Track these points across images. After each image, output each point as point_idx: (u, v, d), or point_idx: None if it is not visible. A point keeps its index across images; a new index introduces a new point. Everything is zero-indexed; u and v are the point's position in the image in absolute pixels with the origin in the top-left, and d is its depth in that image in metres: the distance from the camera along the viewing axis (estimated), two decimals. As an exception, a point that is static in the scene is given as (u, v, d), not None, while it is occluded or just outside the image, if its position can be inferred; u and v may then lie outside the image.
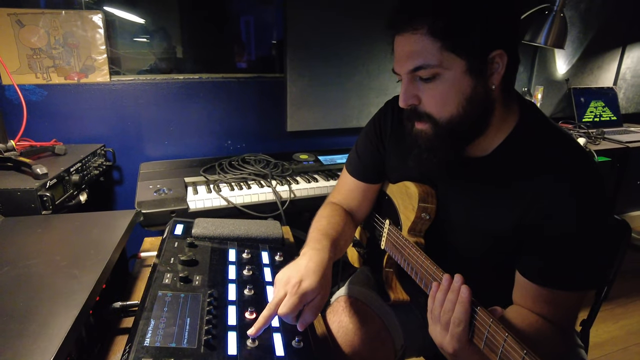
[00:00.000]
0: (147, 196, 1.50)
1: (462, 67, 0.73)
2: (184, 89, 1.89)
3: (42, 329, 0.63)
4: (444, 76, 0.74)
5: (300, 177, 1.78)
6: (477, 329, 0.64)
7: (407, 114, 0.82)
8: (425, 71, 0.74)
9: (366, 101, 2.12)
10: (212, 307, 0.77)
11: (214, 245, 1.01)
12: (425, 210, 0.91)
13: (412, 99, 0.78)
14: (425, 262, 0.81)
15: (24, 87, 1.64)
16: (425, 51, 0.72)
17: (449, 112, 0.76)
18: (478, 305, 0.65)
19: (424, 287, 0.82)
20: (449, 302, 0.68)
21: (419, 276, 0.83)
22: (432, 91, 0.76)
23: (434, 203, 0.91)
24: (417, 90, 0.78)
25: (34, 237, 0.95)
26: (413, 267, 0.86)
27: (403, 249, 0.91)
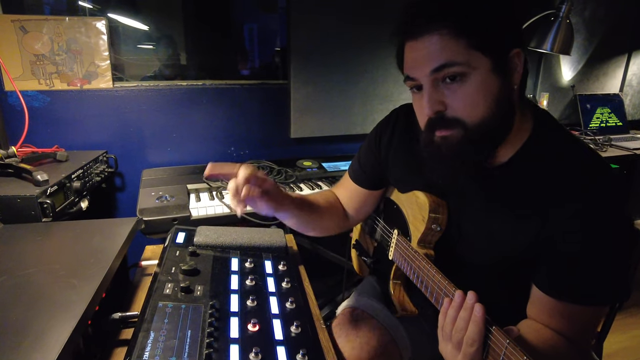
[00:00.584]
0: (149, 203, 1.48)
1: (488, 66, 0.70)
2: (187, 96, 1.88)
3: (37, 343, 0.61)
4: (471, 76, 0.71)
5: (303, 184, 1.76)
6: (492, 350, 0.61)
7: (430, 123, 0.77)
8: (451, 69, 0.70)
9: (370, 108, 2.11)
10: (213, 319, 0.75)
11: (216, 254, 0.99)
12: (436, 221, 0.88)
13: (438, 105, 0.74)
14: (436, 275, 0.78)
15: (27, 93, 1.63)
16: (449, 50, 0.70)
17: (480, 115, 0.72)
18: (493, 325, 0.62)
19: (434, 301, 0.79)
20: (462, 320, 0.65)
21: (429, 290, 0.80)
22: (460, 94, 0.72)
23: (445, 214, 0.88)
24: (442, 95, 0.74)
25: (33, 245, 0.93)
26: (423, 280, 0.83)
27: (412, 261, 0.88)
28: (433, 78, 0.73)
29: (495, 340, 0.61)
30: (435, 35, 0.70)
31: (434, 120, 0.76)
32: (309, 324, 0.81)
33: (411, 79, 0.77)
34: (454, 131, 0.74)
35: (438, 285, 0.77)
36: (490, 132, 0.74)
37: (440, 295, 0.76)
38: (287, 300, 0.85)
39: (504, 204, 0.80)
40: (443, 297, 0.74)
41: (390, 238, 1.02)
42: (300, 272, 1.04)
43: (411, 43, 0.74)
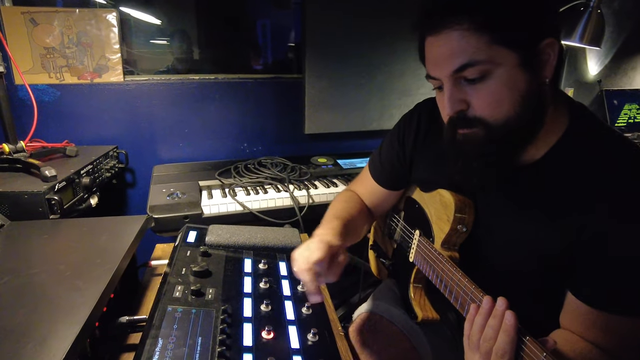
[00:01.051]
0: (160, 200, 1.44)
1: (514, 61, 0.64)
2: (199, 90, 1.84)
3: (40, 349, 0.58)
4: (495, 73, 0.65)
5: (318, 182, 1.71)
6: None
7: (452, 121, 0.72)
8: (473, 69, 0.65)
9: (388, 103, 2.04)
10: (225, 325, 0.70)
11: (229, 254, 0.94)
12: (462, 221, 0.82)
13: (460, 104, 0.69)
14: (462, 279, 0.73)
15: (37, 87, 1.60)
16: (471, 47, 0.64)
17: (504, 114, 0.67)
18: (527, 335, 0.57)
19: (459, 307, 0.74)
20: (490, 329, 0.60)
21: (454, 294, 0.75)
22: (483, 92, 0.67)
23: (471, 214, 0.83)
24: (463, 94, 0.69)
25: (39, 244, 0.90)
26: (447, 284, 0.78)
27: (435, 263, 0.82)
28: (455, 77, 0.68)
29: (529, 352, 0.55)
30: (455, 31, 0.65)
31: (455, 119, 0.71)
32: (327, 331, 0.76)
33: (432, 77, 0.72)
34: (476, 130, 0.70)
35: (464, 290, 0.72)
36: (515, 131, 0.68)
37: (466, 301, 0.71)
38: (303, 305, 0.80)
39: (536, 204, 0.74)
40: (469, 302, 0.69)
41: (411, 239, 0.96)
42: (316, 274, 0.98)
43: (431, 38, 0.69)
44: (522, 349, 0.57)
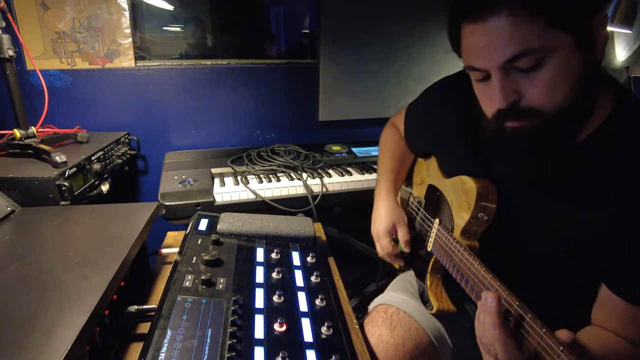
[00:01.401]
0: (172, 187, 1.42)
1: (569, 44, 0.59)
2: (211, 76, 1.81)
3: (45, 339, 0.56)
4: (549, 60, 0.60)
5: (332, 170, 1.67)
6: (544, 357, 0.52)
7: (501, 114, 0.67)
8: (527, 59, 0.60)
9: (405, 89, 1.98)
10: (236, 316, 0.68)
11: (241, 243, 0.91)
12: (484, 209, 0.78)
13: (512, 95, 0.64)
14: (479, 269, 0.69)
15: (49, 72, 1.59)
16: (524, 34, 0.58)
17: (559, 101, 0.62)
18: (543, 328, 0.53)
19: (475, 297, 0.71)
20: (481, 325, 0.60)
21: (470, 284, 0.72)
22: (537, 81, 0.61)
23: (494, 202, 0.78)
24: (515, 83, 0.63)
25: (48, 230, 0.89)
26: (463, 273, 0.74)
27: (453, 253, 0.79)
28: (505, 68, 0.62)
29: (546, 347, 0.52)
30: (504, 18, 0.58)
31: (505, 111, 0.65)
32: (342, 324, 0.73)
33: (476, 69, 0.66)
34: (529, 122, 0.64)
35: (480, 280, 0.68)
36: (570, 117, 0.64)
37: (482, 290, 0.67)
38: (317, 297, 0.77)
39: (572, 189, 0.69)
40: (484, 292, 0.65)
41: (431, 228, 0.92)
42: (330, 265, 0.95)
43: (473, 26, 0.63)
44: (540, 343, 0.53)
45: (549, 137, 0.65)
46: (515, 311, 0.58)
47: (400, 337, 0.87)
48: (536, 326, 0.54)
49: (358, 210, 1.19)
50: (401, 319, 0.91)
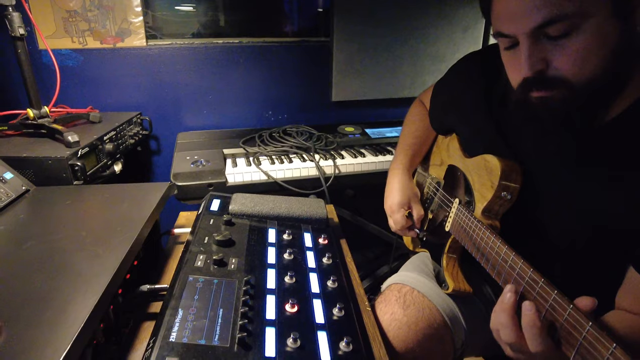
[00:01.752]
0: (184, 168, 1.42)
1: (607, 11, 0.55)
2: (223, 54, 1.79)
3: (59, 316, 0.56)
4: (583, 27, 0.56)
5: (345, 152, 1.65)
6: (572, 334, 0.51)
7: (527, 83, 0.64)
8: (559, 25, 0.57)
9: (420, 69, 1.93)
10: (248, 296, 0.67)
11: (253, 224, 0.91)
12: (507, 189, 0.76)
13: (539, 63, 0.61)
14: (501, 247, 0.68)
15: (60, 52, 1.59)
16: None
17: (590, 72, 0.59)
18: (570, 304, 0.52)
19: (495, 275, 0.69)
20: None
21: (491, 263, 0.70)
22: (568, 49, 0.58)
23: (518, 181, 0.76)
24: (544, 51, 0.60)
25: (62, 209, 0.89)
26: (484, 252, 0.73)
27: (474, 232, 0.77)
28: (534, 34, 0.59)
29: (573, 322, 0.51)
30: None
31: (531, 80, 0.62)
32: (353, 306, 0.73)
33: (504, 35, 0.63)
34: (556, 92, 0.62)
35: (504, 259, 0.67)
36: (601, 90, 0.60)
37: (504, 269, 0.66)
38: (329, 278, 0.76)
39: (603, 167, 0.67)
40: (509, 271, 0.64)
41: (450, 208, 0.90)
42: (342, 247, 0.95)
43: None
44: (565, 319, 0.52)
45: (576, 111, 0.62)
46: (541, 288, 0.57)
47: (414, 316, 0.86)
48: (563, 302, 0.53)
49: (371, 193, 1.17)
50: (415, 298, 0.90)
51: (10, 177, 0.93)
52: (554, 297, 0.55)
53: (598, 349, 0.47)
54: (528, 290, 0.60)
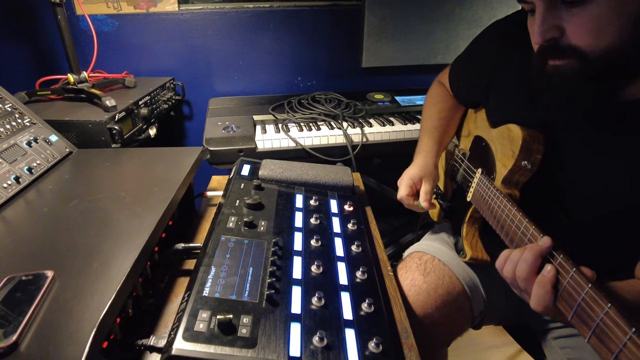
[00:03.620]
0: (216, 133, 1.46)
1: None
2: (254, 19, 1.78)
3: (104, 268, 0.61)
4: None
5: (374, 120, 1.64)
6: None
7: (542, 50, 0.63)
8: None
9: (455, 34, 1.85)
10: (276, 257, 0.71)
11: (281, 189, 0.94)
12: (528, 158, 0.75)
13: (552, 31, 0.60)
14: (516, 214, 0.68)
15: (96, 17, 1.62)
16: None
17: (605, 43, 0.57)
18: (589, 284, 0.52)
19: (509, 244, 0.70)
20: None
21: (505, 230, 0.71)
22: (584, 17, 0.56)
23: (540, 151, 0.75)
24: (558, 18, 0.59)
25: (102, 171, 0.94)
26: (499, 220, 0.73)
27: (492, 200, 0.77)
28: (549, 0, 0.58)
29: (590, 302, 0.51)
30: None
31: (545, 47, 0.61)
32: (376, 270, 0.75)
33: (524, 0, 0.62)
34: (569, 61, 0.60)
35: (518, 227, 0.67)
36: (618, 64, 0.58)
37: (517, 235, 0.67)
38: (353, 243, 0.79)
39: (626, 145, 0.65)
40: (524, 241, 0.65)
41: (472, 178, 0.90)
42: (367, 214, 0.96)
43: None
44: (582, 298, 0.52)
45: (590, 84, 0.60)
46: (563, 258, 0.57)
47: (433, 283, 0.88)
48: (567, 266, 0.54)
49: (398, 161, 1.17)
50: (435, 266, 0.92)
51: (55, 139, 0.99)
52: (559, 261, 0.56)
53: (594, 309, 0.48)
54: None
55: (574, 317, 0.52)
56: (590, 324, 0.49)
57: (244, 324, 0.57)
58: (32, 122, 0.99)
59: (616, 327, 0.45)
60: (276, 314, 0.60)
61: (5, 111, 0.95)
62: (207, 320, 0.56)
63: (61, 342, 0.48)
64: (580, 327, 0.51)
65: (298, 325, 0.59)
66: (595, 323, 0.48)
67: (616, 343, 0.45)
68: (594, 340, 0.48)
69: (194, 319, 0.56)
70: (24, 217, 0.76)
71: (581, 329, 0.51)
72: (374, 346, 0.57)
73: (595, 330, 0.48)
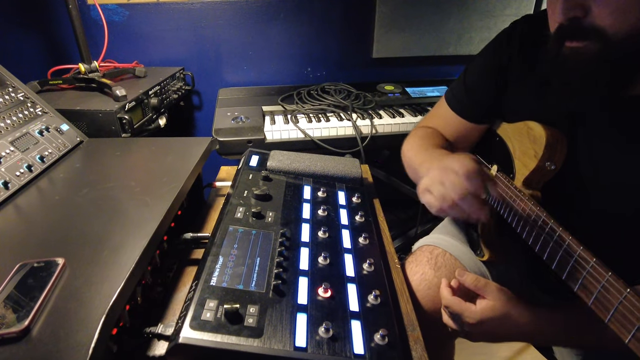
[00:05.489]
0: (225, 124, 1.46)
1: None
2: (263, 9, 1.77)
3: (114, 257, 0.62)
4: None
5: (383, 111, 1.63)
6: None
7: (561, 30, 0.61)
8: None
9: (467, 25, 1.82)
10: (283, 247, 0.71)
11: (289, 180, 0.94)
12: (552, 159, 0.74)
13: (576, 9, 0.58)
14: (547, 221, 0.66)
15: (107, 6, 1.62)
16: None
17: (630, 26, 0.55)
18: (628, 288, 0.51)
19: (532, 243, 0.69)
20: None
21: (534, 236, 0.69)
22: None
23: (563, 152, 0.74)
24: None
25: (112, 160, 0.95)
26: (526, 224, 0.72)
27: (514, 202, 0.76)
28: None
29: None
30: None
31: (566, 27, 0.60)
32: (383, 262, 0.75)
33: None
34: (589, 43, 0.58)
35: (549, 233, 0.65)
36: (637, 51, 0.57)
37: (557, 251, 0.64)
38: (360, 235, 0.79)
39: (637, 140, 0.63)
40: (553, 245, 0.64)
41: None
42: (375, 206, 0.96)
43: None
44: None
45: (614, 69, 0.59)
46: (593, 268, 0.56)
47: (444, 277, 0.88)
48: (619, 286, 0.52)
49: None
50: (447, 260, 0.92)
51: (66, 128, 1.00)
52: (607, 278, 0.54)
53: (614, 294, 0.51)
54: (576, 268, 0.59)
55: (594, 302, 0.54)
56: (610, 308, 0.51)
57: (250, 314, 0.57)
58: (44, 111, 1.00)
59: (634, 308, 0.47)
60: (283, 304, 0.60)
61: (18, 100, 0.97)
62: (214, 309, 0.57)
63: (72, 327, 0.49)
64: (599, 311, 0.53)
65: (304, 315, 0.59)
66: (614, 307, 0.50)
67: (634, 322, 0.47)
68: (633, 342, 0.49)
69: (202, 307, 0.57)
70: (36, 205, 0.77)
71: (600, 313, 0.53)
72: (379, 338, 0.57)
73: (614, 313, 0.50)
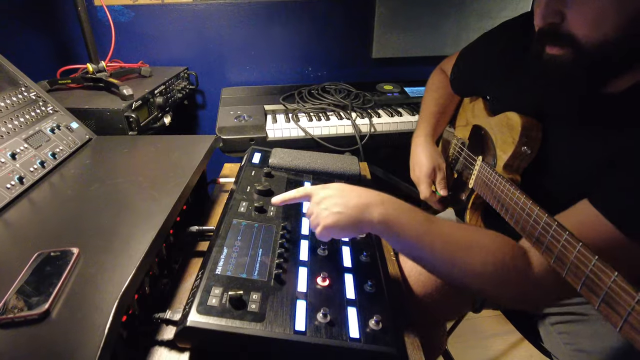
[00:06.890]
0: (228, 122, 1.50)
1: None
2: (267, 11, 1.80)
3: (124, 247, 0.65)
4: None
5: (382, 110, 1.66)
6: None
7: (541, 34, 0.65)
8: None
9: (465, 26, 1.86)
10: (284, 240, 0.75)
11: (290, 177, 0.98)
12: (527, 143, 0.79)
13: (553, 15, 0.61)
14: (520, 197, 0.70)
15: (113, 7, 1.66)
16: None
17: (601, 35, 0.58)
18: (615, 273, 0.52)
19: (514, 224, 0.72)
20: None
21: (510, 212, 0.74)
22: (586, 6, 0.58)
23: (538, 138, 0.79)
24: (562, 4, 0.60)
25: (120, 157, 0.99)
26: (504, 204, 0.76)
27: (495, 185, 0.80)
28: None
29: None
30: None
31: (544, 31, 0.64)
32: (379, 253, 0.79)
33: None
34: (565, 51, 0.62)
35: (522, 208, 0.69)
36: (610, 59, 0.60)
37: (521, 217, 0.69)
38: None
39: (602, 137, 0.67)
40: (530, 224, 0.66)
41: (473, 166, 0.93)
42: (373, 201, 1.00)
43: None
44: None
45: (589, 75, 0.62)
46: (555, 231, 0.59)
47: None
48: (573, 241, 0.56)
49: (405, 152, 1.20)
50: None
51: (76, 126, 1.04)
52: (565, 237, 0.58)
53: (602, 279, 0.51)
54: (543, 235, 0.63)
55: (582, 287, 0.54)
56: (599, 293, 0.51)
57: (253, 300, 0.61)
58: (55, 109, 1.03)
59: (624, 292, 0.47)
60: (283, 291, 0.64)
61: (30, 99, 1.00)
62: (220, 295, 0.61)
63: (88, 311, 0.53)
64: (589, 297, 0.53)
65: (304, 302, 0.63)
66: (603, 291, 0.50)
67: (624, 307, 0.47)
68: (604, 307, 0.51)
69: (208, 294, 0.61)
70: (50, 198, 0.81)
71: (590, 298, 0.53)
72: (374, 323, 0.61)
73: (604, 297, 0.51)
